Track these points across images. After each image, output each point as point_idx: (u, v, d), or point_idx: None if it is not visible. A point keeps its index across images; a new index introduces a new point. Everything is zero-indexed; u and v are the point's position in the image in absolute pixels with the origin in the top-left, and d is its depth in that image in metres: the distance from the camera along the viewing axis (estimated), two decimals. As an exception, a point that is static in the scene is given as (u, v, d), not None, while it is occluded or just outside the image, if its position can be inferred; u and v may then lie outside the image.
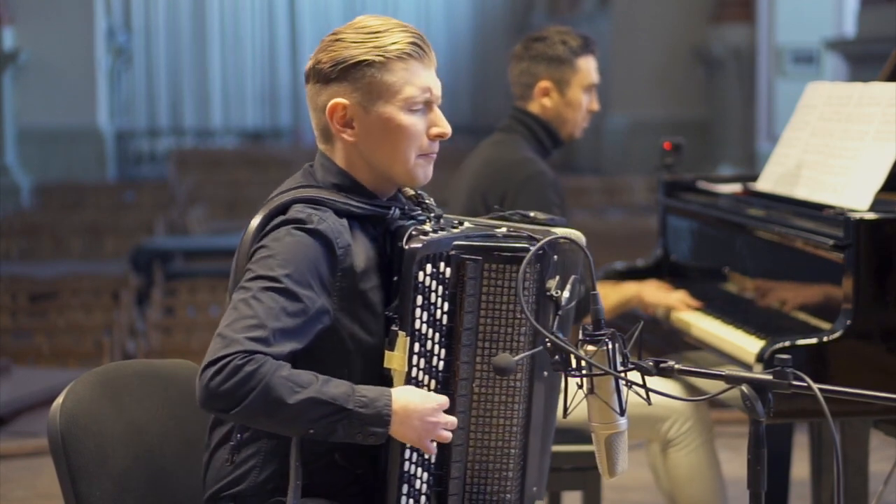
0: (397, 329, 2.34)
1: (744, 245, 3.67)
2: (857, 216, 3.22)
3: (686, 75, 15.54)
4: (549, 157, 3.85)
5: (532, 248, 2.38)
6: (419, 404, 2.30)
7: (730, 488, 3.88)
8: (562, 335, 2.22)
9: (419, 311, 2.36)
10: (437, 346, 2.40)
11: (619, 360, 2.17)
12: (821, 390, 2.04)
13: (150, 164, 18.50)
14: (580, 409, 2.25)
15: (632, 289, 3.91)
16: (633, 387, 2.15)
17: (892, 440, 3.53)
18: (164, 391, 2.61)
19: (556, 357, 2.18)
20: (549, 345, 2.17)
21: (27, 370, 7.07)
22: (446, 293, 2.41)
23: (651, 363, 2.14)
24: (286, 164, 14.60)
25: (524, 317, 2.43)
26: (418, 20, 19.33)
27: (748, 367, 3.22)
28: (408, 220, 2.43)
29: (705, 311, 3.75)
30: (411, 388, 2.34)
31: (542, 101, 3.82)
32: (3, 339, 7.44)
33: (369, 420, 2.26)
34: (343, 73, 2.41)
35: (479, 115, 19.14)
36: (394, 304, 2.37)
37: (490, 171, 3.76)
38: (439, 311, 2.40)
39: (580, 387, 2.21)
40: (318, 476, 2.38)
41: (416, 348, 2.37)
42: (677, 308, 3.79)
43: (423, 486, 2.42)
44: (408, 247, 2.35)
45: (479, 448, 2.48)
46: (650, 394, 2.13)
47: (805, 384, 2.06)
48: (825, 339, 3.17)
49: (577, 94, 3.81)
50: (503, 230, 2.50)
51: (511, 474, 2.51)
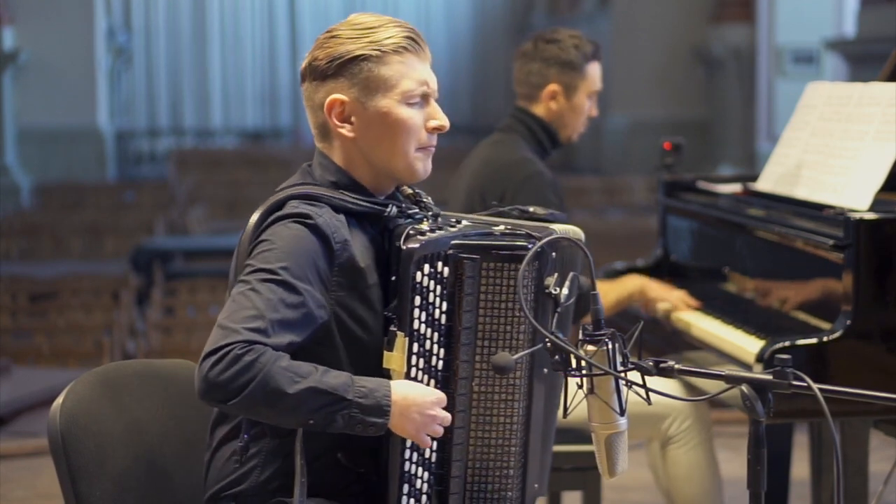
0: (396, 329, 2.34)
1: (744, 245, 3.67)
2: (857, 216, 3.22)
3: (686, 75, 15.54)
4: (548, 157, 3.86)
5: (530, 247, 2.39)
6: (418, 397, 2.31)
7: (730, 488, 3.88)
8: (561, 333, 2.22)
9: (417, 311, 2.36)
10: (436, 346, 2.40)
11: (619, 360, 2.17)
12: (821, 390, 2.04)
13: (150, 164, 18.50)
14: (580, 409, 2.25)
15: (634, 282, 3.90)
16: (633, 387, 2.16)
17: (892, 440, 3.53)
18: (164, 391, 2.61)
19: (556, 357, 2.18)
20: (549, 345, 2.18)
21: (27, 370, 7.07)
22: (445, 293, 2.40)
23: (651, 363, 2.14)
24: (286, 164, 14.61)
25: (524, 316, 2.42)
26: (418, 20, 19.32)
27: (748, 367, 3.22)
28: (405, 219, 2.43)
29: (705, 311, 3.75)
30: (410, 381, 2.34)
31: (549, 104, 3.82)
32: (3, 339, 7.44)
33: (369, 410, 2.26)
34: (340, 69, 2.41)
35: (479, 115, 19.13)
36: (392, 305, 2.37)
37: (489, 170, 3.77)
38: (438, 311, 2.40)
39: (580, 387, 2.21)
40: (320, 475, 2.38)
41: (415, 348, 2.36)
42: (677, 306, 3.79)
43: (424, 485, 2.42)
44: (405, 247, 2.35)
45: (480, 446, 2.48)
46: (650, 394, 2.14)
47: (805, 384, 2.06)
48: (825, 339, 3.17)
49: (583, 99, 3.82)
50: (501, 228, 2.50)
51: (512, 472, 2.51)
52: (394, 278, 2.37)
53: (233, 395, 2.20)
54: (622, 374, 2.17)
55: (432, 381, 2.40)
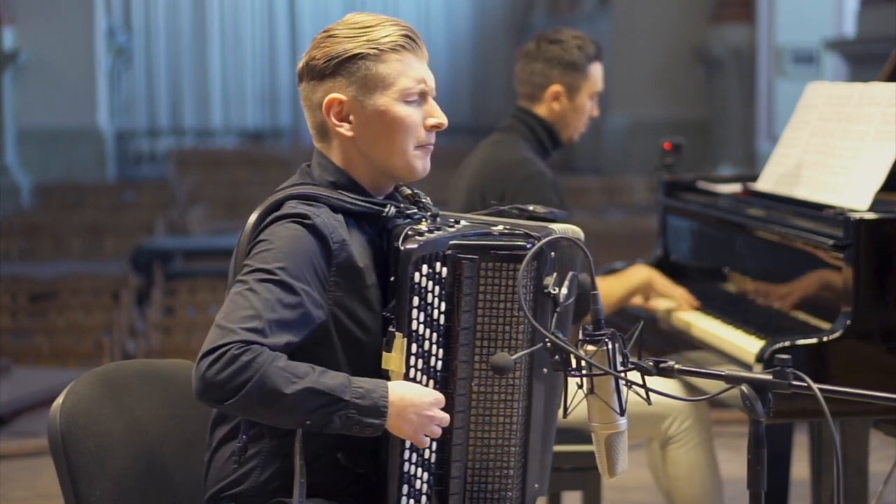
0: (394, 330, 2.34)
1: (744, 245, 3.67)
2: (857, 216, 3.22)
3: (686, 75, 15.54)
4: (549, 158, 3.86)
5: (529, 247, 2.39)
6: (415, 397, 2.30)
7: (730, 488, 3.88)
8: (561, 333, 2.22)
9: (416, 311, 2.36)
10: (434, 347, 2.40)
11: (619, 360, 2.17)
12: (821, 390, 2.04)
13: (150, 164, 18.50)
14: (580, 409, 2.25)
15: (641, 275, 3.88)
16: (633, 387, 2.16)
17: (892, 440, 3.53)
18: (164, 391, 2.61)
19: (556, 357, 2.18)
20: (549, 345, 2.17)
21: (27, 370, 7.07)
22: (443, 293, 2.40)
23: (651, 363, 2.14)
24: (286, 164, 14.61)
25: (523, 316, 2.42)
26: (418, 20, 19.32)
27: (748, 367, 3.22)
28: (404, 219, 2.43)
29: (705, 311, 3.75)
30: (407, 382, 2.34)
31: (552, 105, 3.82)
32: (3, 339, 7.44)
33: (366, 411, 2.26)
34: (337, 68, 2.41)
35: (479, 115, 19.13)
36: (391, 305, 2.36)
37: (489, 170, 3.77)
38: (436, 312, 2.40)
39: (580, 387, 2.21)
40: (319, 475, 2.38)
41: (414, 349, 2.36)
42: (679, 304, 3.79)
43: (424, 485, 2.42)
44: (403, 247, 2.35)
45: (480, 446, 2.48)
46: (650, 394, 2.13)
47: (805, 384, 2.06)
48: (825, 339, 3.17)
49: (585, 100, 3.82)
50: (500, 228, 2.49)
51: (512, 472, 2.51)
52: (392, 279, 2.37)
53: (230, 395, 2.21)
54: (622, 374, 2.17)
55: (431, 382, 2.40)
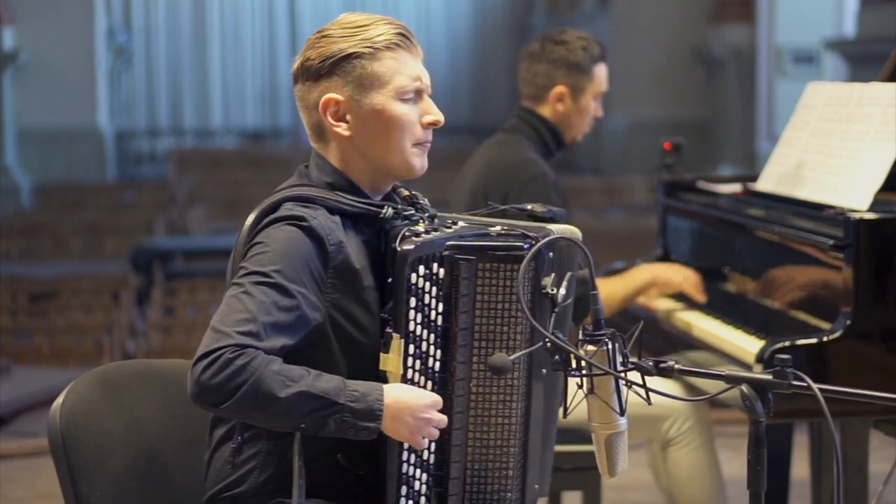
0: (391, 331, 2.34)
1: (744, 245, 3.67)
2: (857, 216, 3.22)
3: (686, 75, 15.54)
4: (552, 159, 3.85)
5: (527, 248, 2.39)
6: (411, 400, 2.30)
7: (730, 488, 3.88)
8: (560, 334, 2.22)
9: (413, 312, 2.35)
10: (432, 348, 2.40)
11: (619, 360, 2.17)
12: (821, 390, 2.04)
13: (150, 164, 18.49)
14: (580, 409, 2.25)
15: (644, 276, 3.84)
16: (633, 387, 2.16)
17: (892, 440, 3.53)
18: (164, 391, 2.61)
19: (556, 357, 2.18)
20: (549, 345, 2.17)
21: (27, 370, 7.07)
22: (440, 294, 2.40)
23: (651, 363, 2.14)
24: (286, 164, 14.60)
25: (521, 316, 2.42)
26: (418, 20, 19.33)
27: (748, 367, 3.22)
28: (401, 220, 2.43)
29: (705, 311, 3.75)
30: (404, 385, 2.34)
31: (556, 106, 3.81)
32: (3, 339, 7.44)
33: (360, 415, 2.26)
34: (333, 68, 2.42)
35: (479, 115, 19.14)
36: (388, 306, 2.37)
37: (493, 171, 3.76)
38: (434, 312, 2.40)
39: (580, 387, 2.21)
40: (319, 476, 2.38)
41: (411, 350, 2.36)
42: (689, 291, 3.77)
43: (423, 486, 2.42)
44: (400, 248, 2.35)
45: (479, 447, 2.48)
46: (650, 394, 2.13)
47: (805, 384, 2.06)
48: (825, 339, 3.17)
49: (589, 101, 3.81)
50: (497, 229, 2.49)
51: (511, 473, 2.51)
52: (389, 280, 2.37)
53: (224, 398, 2.21)
54: (622, 374, 2.17)
55: (429, 383, 2.40)
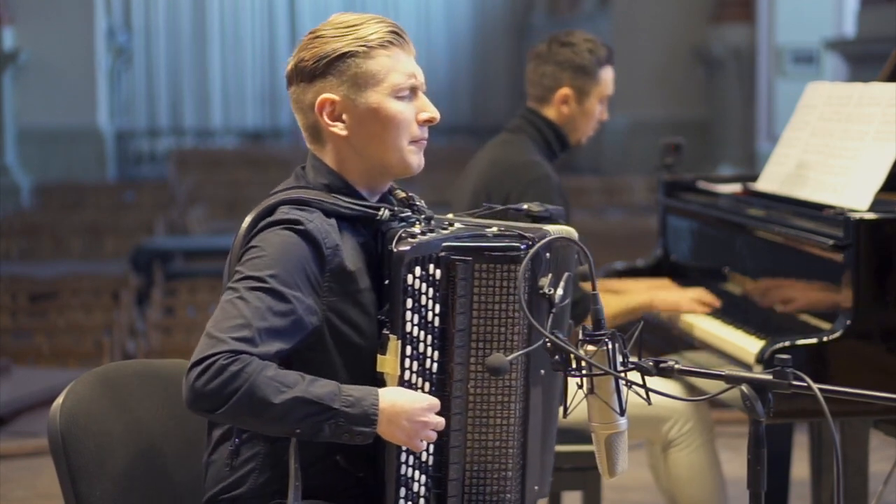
0: (388, 333, 2.34)
1: (744, 245, 3.67)
2: (857, 216, 3.22)
3: (686, 75, 15.54)
4: (556, 160, 3.85)
5: (523, 248, 2.39)
6: (407, 404, 2.30)
7: (730, 488, 3.88)
8: (559, 334, 2.22)
9: (409, 314, 2.35)
10: (429, 349, 2.40)
11: (619, 360, 2.17)
12: (821, 390, 2.04)
13: (150, 164, 18.49)
14: (580, 409, 2.25)
15: (641, 298, 3.82)
16: (633, 387, 2.15)
17: (892, 440, 3.53)
18: (164, 391, 2.61)
19: (556, 357, 2.17)
20: (549, 345, 2.17)
21: (27, 370, 7.07)
22: (437, 295, 2.40)
23: (651, 363, 2.14)
24: (286, 164, 14.59)
25: (518, 316, 2.42)
26: (418, 20, 19.34)
27: (748, 367, 3.22)
28: (398, 222, 2.42)
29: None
30: (400, 388, 2.34)
31: (561, 108, 3.80)
32: (3, 339, 7.44)
33: (355, 419, 2.25)
34: (327, 68, 2.42)
35: (479, 115, 19.14)
36: (385, 308, 2.36)
37: (496, 171, 3.75)
38: (430, 314, 2.39)
39: (580, 387, 2.21)
40: (318, 478, 2.38)
41: (409, 351, 2.36)
42: (692, 310, 3.74)
43: (422, 488, 2.41)
44: (396, 249, 2.34)
45: (477, 449, 2.48)
46: (650, 394, 2.13)
47: (805, 384, 2.06)
48: (825, 339, 3.17)
49: (594, 104, 3.81)
50: (494, 230, 2.49)
51: (510, 474, 2.50)
52: (386, 282, 2.36)
53: (219, 405, 2.21)
54: (622, 374, 2.17)
55: (427, 384, 2.39)
